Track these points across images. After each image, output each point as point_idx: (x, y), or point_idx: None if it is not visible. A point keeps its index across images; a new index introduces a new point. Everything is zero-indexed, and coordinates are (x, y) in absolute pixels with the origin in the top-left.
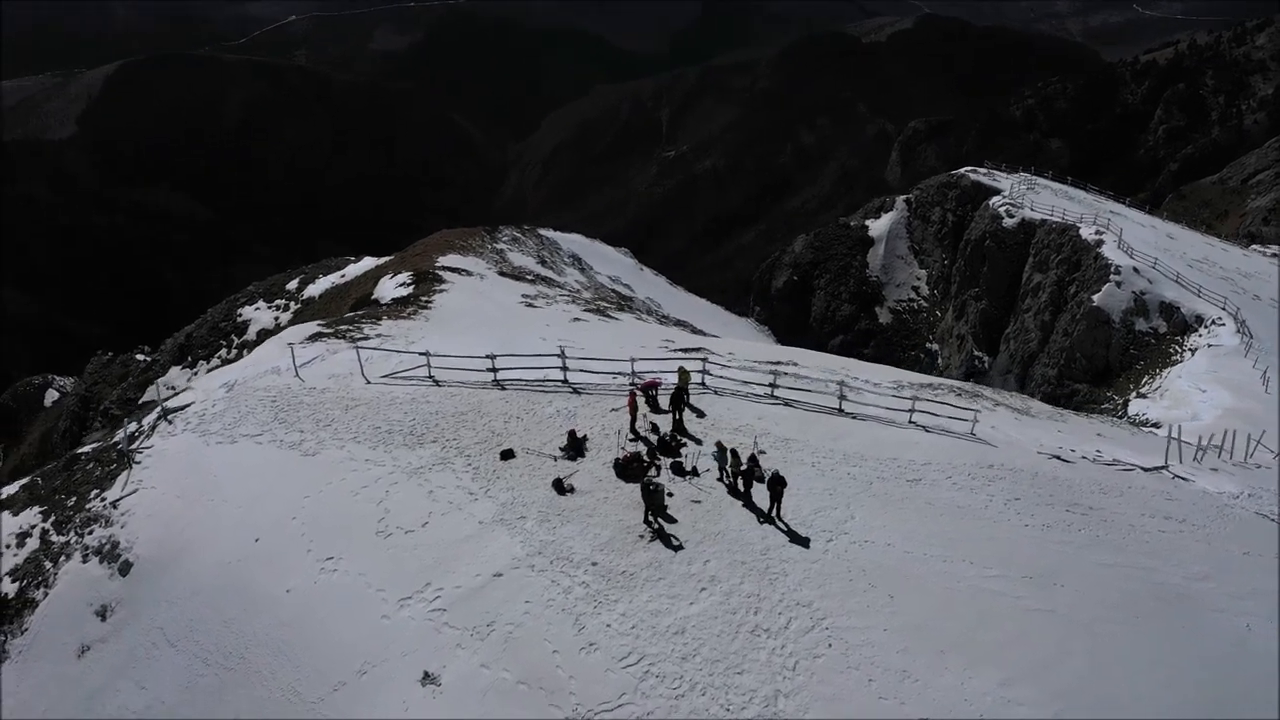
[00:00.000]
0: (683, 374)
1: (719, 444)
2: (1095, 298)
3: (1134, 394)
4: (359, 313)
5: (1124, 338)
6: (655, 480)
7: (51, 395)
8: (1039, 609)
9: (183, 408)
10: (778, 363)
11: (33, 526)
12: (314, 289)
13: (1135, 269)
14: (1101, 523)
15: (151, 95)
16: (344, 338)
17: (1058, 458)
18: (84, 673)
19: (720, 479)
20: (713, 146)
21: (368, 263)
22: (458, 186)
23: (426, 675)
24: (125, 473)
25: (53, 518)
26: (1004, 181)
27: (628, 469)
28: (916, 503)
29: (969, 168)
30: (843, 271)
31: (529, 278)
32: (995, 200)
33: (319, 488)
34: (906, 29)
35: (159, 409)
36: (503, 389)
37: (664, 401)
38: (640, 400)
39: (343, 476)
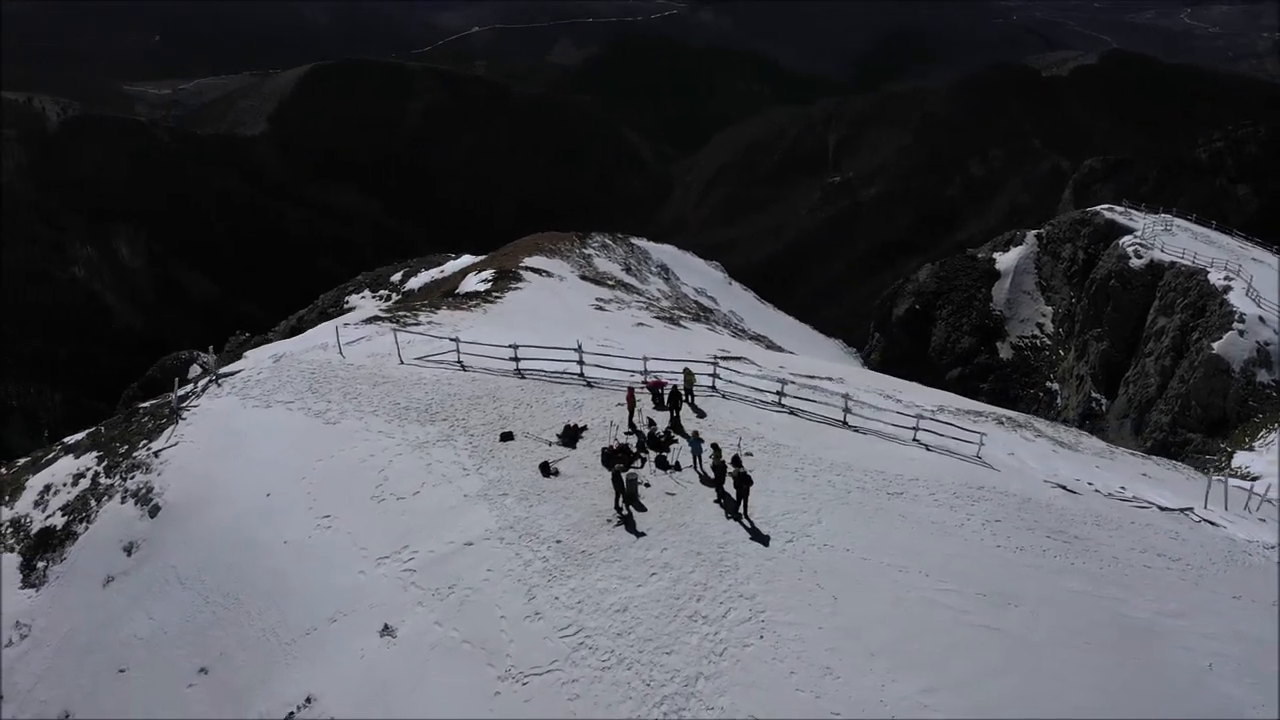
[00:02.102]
0: (687, 375)
1: (695, 432)
2: (1216, 345)
3: (1245, 446)
4: (422, 302)
5: (1243, 388)
6: (628, 469)
7: (195, 370)
8: (984, 625)
9: (233, 374)
10: (816, 377)
11: (87, 469)
12: (415, 282)
13: (1261, 318)
14: (1083, 552)
15: (339, 98)
16: (397, 322)
17: (1063, 487)
18: (106, 601)
19: (694, 466)
20: (879, 174)
21: (466, 260)
22: (622, 200)
23: (386, 627)
24: (171, 427)
25: (105, 462)
26: (1139, 221)
27: (613, 458)
28: (890, 514)
29: (1105, 205)
30: (966, 303)
31: (609, 283)
32: (1125, 240)
33: (331, 453)
34: (1090, 64)
35: (212, 374)
36: (522, 377)
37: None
38: (647, 397)
39: (355, 445)
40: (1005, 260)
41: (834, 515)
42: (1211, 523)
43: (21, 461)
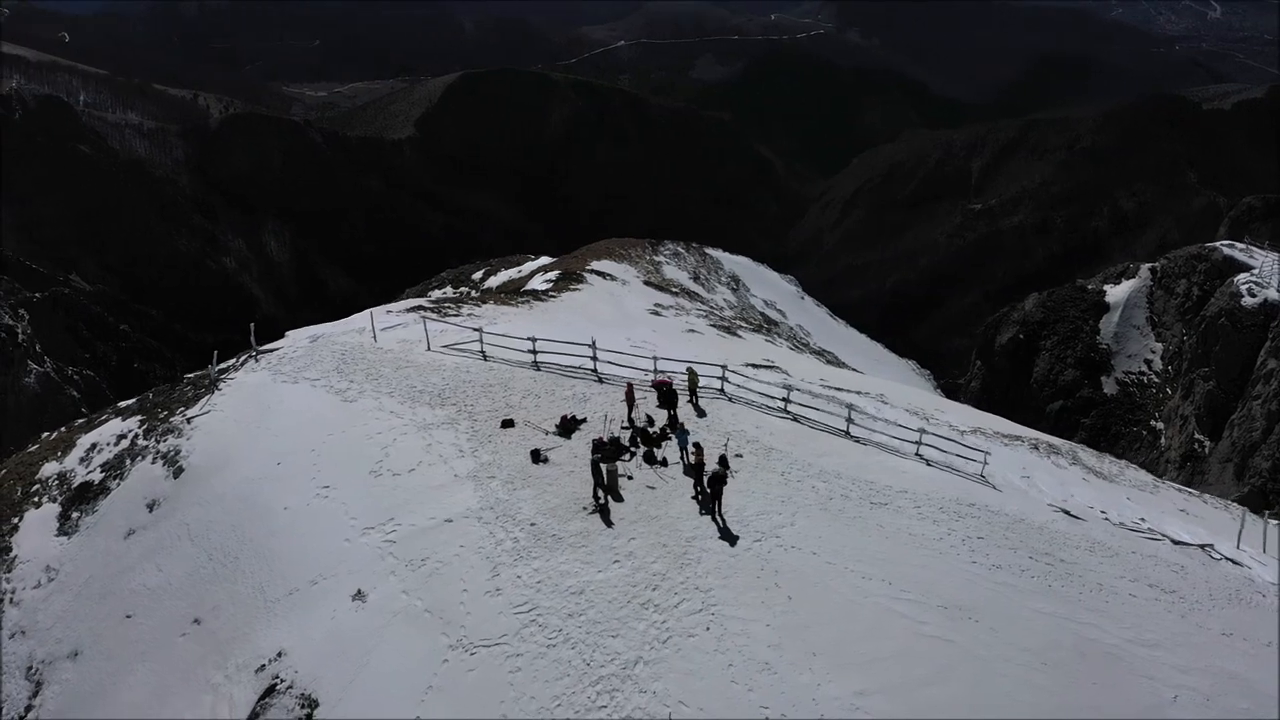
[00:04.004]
0: (691, 375)
1: (681, 424)
2: None
3: None
4: (469, 294)
5: None
6: (610, 460)
7: None
8: (937, 636)
9: (272, 350)
10: (844, 389)
11: (130, 431)
12: (494, 280)
13: None
14: (1065, 575)
15: (484, 105)
16: (438, 313)
17: (1065, 512)
18: (125, 552)
19: (680, 459)
20: (1023, 202)
21: (544, 260)
22: (753, 217)
23: (358, 592)
24: (207, 397)
25: (146, 425)
26: (1259, 259)
27: (602, 450)
28: (867, 523)
29: (1225, 241)
30: (1072, 335)
31: (673, 290)
32: (1240, 277)
33: (343, 428)
34: (1255, 98)
35: (253, 350)
36: (538, 369)
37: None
38: (654, 395)
39: (366, 422)
40: (1116, 293)
41: (809, 520)
42: (1234, 561)
43: (79, 422)
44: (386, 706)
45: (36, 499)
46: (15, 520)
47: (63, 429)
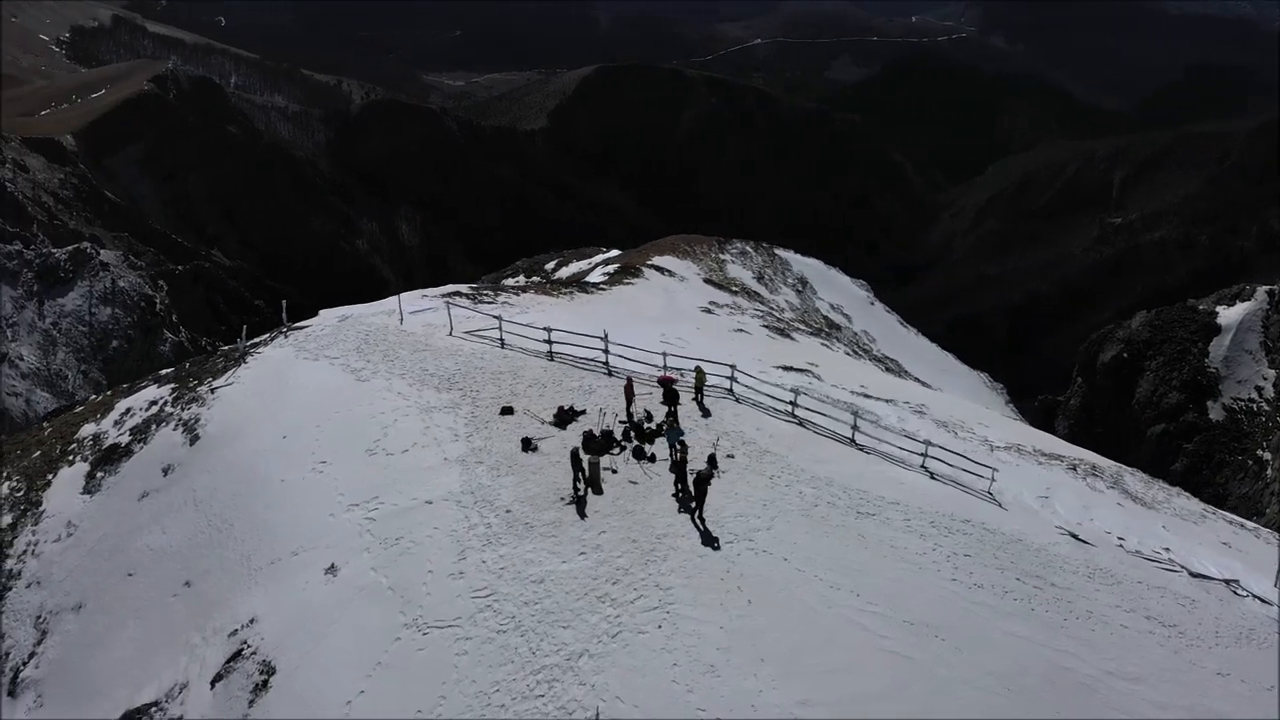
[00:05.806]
0: (698, 374)
1: (674, 422)
2: None
3: None
4: (508, 283)
5: None
6: (589, 451)
7: None
8: (896, 652)
9: (302, 328)
10: (872, 397)
11: (161, 398)
12: (565, 271)
13: None
14: (1053, 600)
15: (617, 99)
16: (471, 298)
17: (1074, 536)
18: (137, 512)
19: (670, 456)
20: (1165, 217)
21: (611, 254)
22: (881, 220)
23: (331, 566)
24: (234, 369)
25: (176, 393)
26: None
27: (591, 442)
28: (848, 533)
29: None
30: (1179, 356)
31: (734, 289)
32: None
33: (349, 406)
34: None
35: (284, 326)
36: (551, 360)
37: (681, 396)
38: (659, 391)
39: (372, 401)
40: (1229, 315)
41: (787, 525)
42: (1262, 599)
43: (123, 386)
44: (336, 678)
45: (71, 458)
46: (49, 477)
47: (108, 392)
